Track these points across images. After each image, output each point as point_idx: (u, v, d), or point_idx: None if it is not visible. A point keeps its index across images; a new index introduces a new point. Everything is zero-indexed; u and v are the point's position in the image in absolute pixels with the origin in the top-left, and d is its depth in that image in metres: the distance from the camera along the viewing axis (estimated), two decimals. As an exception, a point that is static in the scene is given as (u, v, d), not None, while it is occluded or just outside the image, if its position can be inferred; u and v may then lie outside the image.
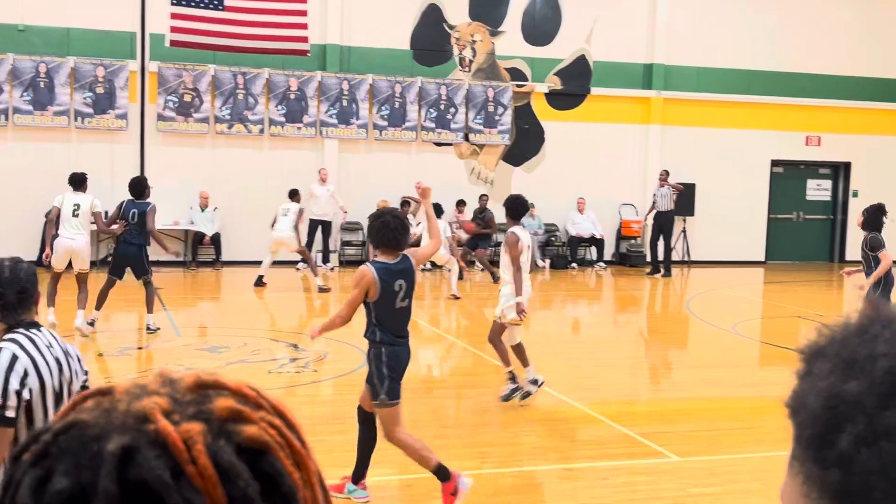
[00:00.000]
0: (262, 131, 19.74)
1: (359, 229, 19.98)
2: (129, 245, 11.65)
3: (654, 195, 20.19)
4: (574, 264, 20.93)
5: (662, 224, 19.96)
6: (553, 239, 21.33)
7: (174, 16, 17.17)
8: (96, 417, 0.75)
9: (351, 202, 19.51)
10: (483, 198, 20.42)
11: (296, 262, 18.47)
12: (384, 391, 5.80)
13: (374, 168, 20.33)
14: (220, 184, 19.33)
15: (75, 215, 11.30)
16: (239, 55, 18.51)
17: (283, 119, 19.86)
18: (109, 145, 18.86)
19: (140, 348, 11.20)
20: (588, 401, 8.96)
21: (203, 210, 19.16)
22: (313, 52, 19.12)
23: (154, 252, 12.67)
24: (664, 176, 20.15)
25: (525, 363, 8.75)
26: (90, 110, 18.68)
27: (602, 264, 21.15)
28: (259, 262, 16.71)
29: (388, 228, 5.70)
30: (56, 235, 11.31)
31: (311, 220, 18.84)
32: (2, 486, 0.75)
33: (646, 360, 11.99)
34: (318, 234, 19.25)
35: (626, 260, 21.69)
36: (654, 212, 20.02)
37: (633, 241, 21.96)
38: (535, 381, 8.72)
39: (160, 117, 19.09)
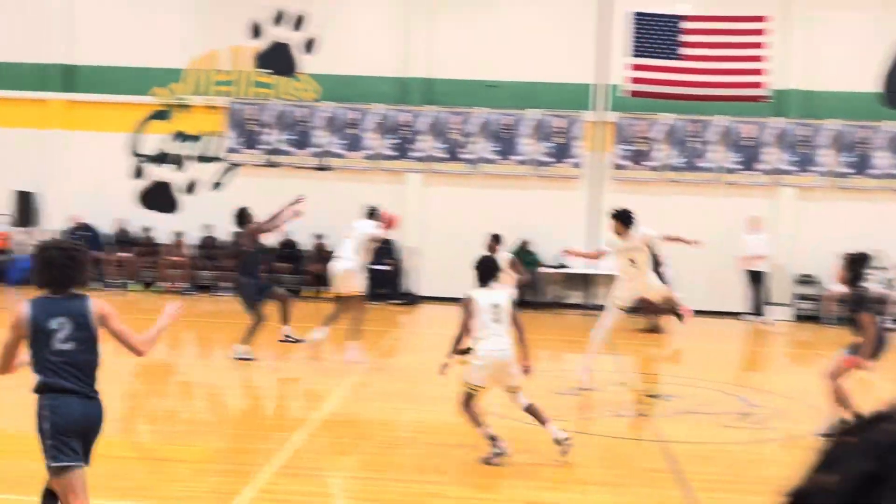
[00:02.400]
0: (716, 179, 19.48)
1: (814, 282, 18.90)
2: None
3: None
4: None
5: None
6: None
7: (632, 67, 17.54)
8: None
9: (806, 252, 18.53)
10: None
11: (742, 314, 17.85)
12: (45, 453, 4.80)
13: (834, 217, 19.15)
14: (672, 231, 19.30)
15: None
16: (693, 103, 18.45)
17: (736, 166, 19.45)
18: (564, 192, 19.69)
19: (583, 389, 11.43)
20: None
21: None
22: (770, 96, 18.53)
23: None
24: None
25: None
26: (549, 159, 19.67)
27: None
28: (712, 312, 16.37)
29: (53, 265, 4.83)
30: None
31: (746, 270, 18.36)
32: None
33: None
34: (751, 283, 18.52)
35: None
36: None
37: None
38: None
39: (615, 165, 19.58)
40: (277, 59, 20.10)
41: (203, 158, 20.23)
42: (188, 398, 10.55)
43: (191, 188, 20.13)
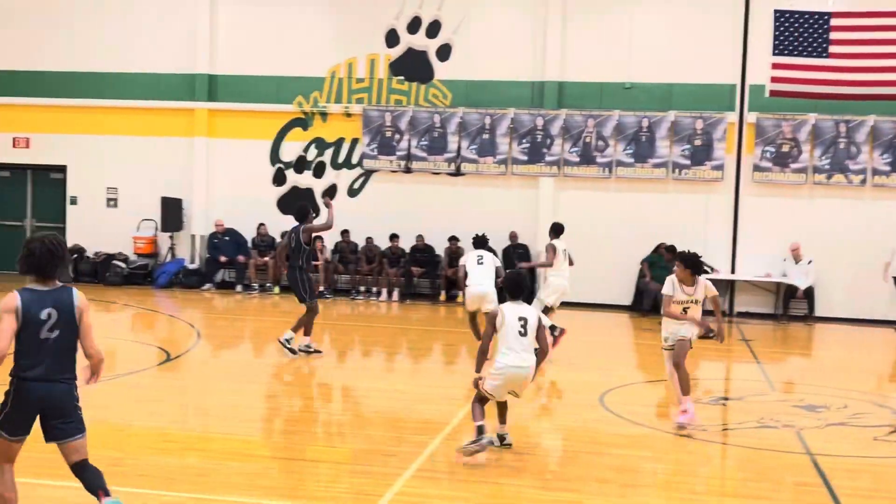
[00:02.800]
0: (863, 181, 18.65)
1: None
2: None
3: None
4: None
5: None
6: None
7: (776, 66, 16.96)
8: None
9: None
10: None
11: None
12: None
13: None
14: (815, 236, 18.64)
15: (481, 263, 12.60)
16: (840, 102, 17.70)
17: (885, 167, 18.58)
18: (704, 196, 19.20)
19: (727, 399, 11.06)
20: None
21: (797, 262, 18.58)
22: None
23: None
24: None
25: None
26: (687, 162, 19.20)
27: None
28: (856, 320, 15.70)
29: (33, 256, 5.27)
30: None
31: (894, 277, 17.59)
32: None
33: None
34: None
35: None
36: None
37: None
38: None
39: (756, 168, 18.97)
40: (412, 66, 20.30)
41: (340, 165, 20.61)
42: (327, 400, 10.71)
43: (329, 194, 20.51)
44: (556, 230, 13.49)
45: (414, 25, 20.30)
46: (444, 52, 20.21)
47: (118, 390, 10.11)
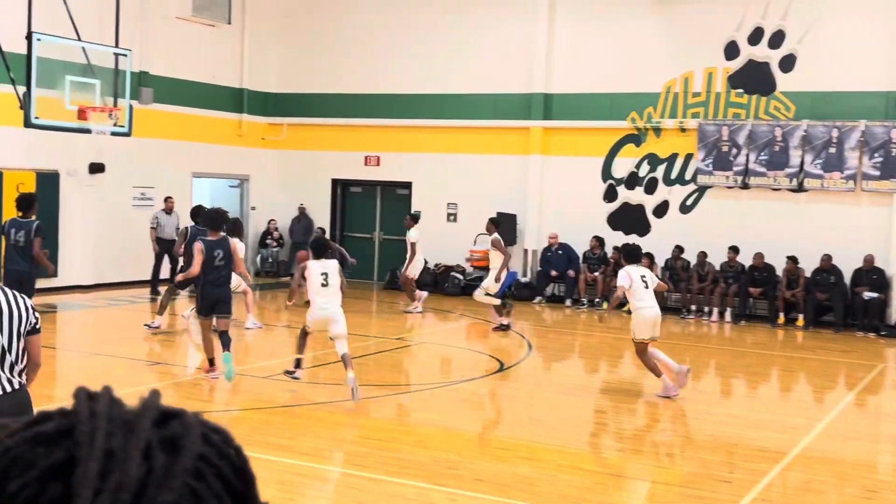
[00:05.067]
0: None
1: None
2: None
3: None
4: None
5: None
6: None
7: None
8: None
9: None
10: None
11: None
12: None
13: None
14: None
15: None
16: None
17: None
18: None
19: None
20: None
21: None
22: None
23: None
24: None
25: None
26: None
27: None
28: None
29: None
30: None
31: None
32: None
33: None
34: None
35: None
36: None
37: None
38: None
39: None
40: (752, 78, 19.54)
41: (672, 181, 20.27)
42: (655, 419, 10.54)
43: (660, 211, 20.24)
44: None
45: (756, 36, 19.53)
46: (787, 63, 19.26)
47: (455, 396, 10.56)
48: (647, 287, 10.91)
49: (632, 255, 11.31)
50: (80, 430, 0.74)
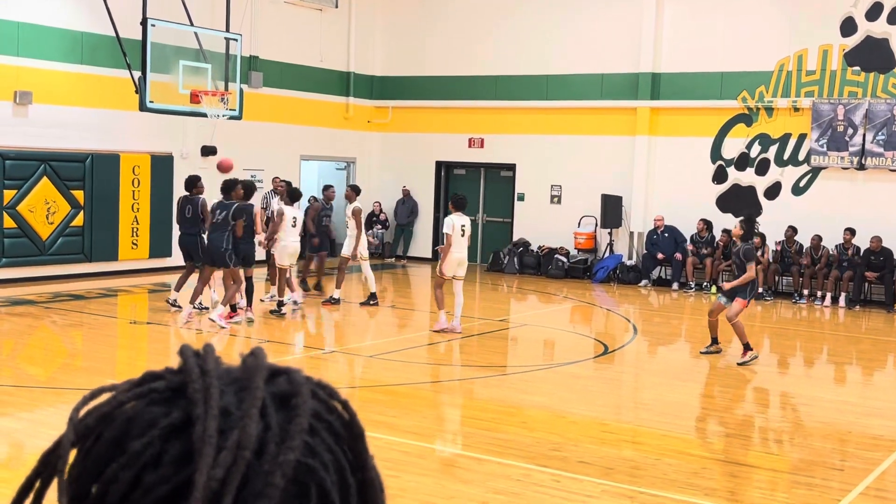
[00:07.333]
0: None
1: None
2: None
3: None
4: None
5: None
6: None
7: None
8: None
9: None
10: None
11: None
12: None
13: None
14: None
15: None
16: None
17: None
18: None
19: None
20: None
21: None
22: None
23: None
24: None
25: None
26: None
27: None
28: None
29: None
30: None
31: None
32: None
33: None
34: None
35: None
36: None
37: None
38: None
39: None
40: (870, 55, 18.82)
41: (785, 162, 19.71)
42: (765, 405, 10.30)
43: (771, 192, 19.72)
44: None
45: (874, 12, 18.79)
46: (908, 39, 18.49)
47: (559, 379, 10.53)
48: None
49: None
50: (192, 388, 0.74)
